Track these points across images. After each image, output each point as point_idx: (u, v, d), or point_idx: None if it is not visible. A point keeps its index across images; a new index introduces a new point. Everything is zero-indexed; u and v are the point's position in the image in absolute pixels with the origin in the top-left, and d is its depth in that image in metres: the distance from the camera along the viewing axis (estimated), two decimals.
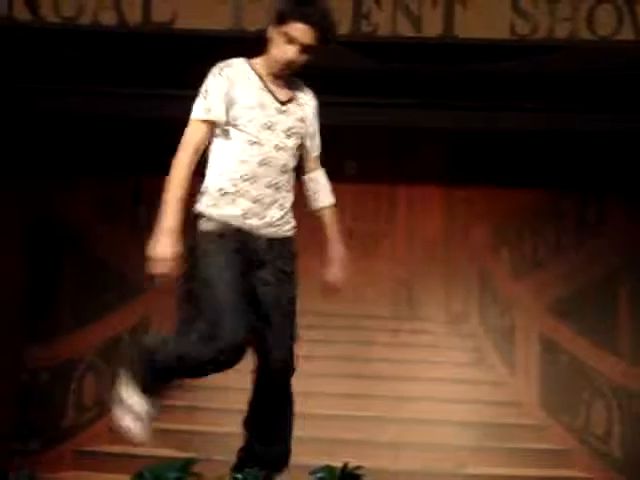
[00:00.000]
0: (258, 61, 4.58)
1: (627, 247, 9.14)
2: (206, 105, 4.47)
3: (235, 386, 4.90)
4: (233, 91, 4.49)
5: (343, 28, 6.80)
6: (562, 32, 6.85)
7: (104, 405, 8.79)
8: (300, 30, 4.44)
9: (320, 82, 7.54)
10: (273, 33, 4.48)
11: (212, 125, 4.48)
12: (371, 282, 9.17)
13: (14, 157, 8.93)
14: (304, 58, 4.53)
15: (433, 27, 6.76)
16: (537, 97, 8.19)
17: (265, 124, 4.54)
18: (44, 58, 8.06)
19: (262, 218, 4.62)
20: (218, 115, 4.47)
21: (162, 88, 7.73)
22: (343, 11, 6.79)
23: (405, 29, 6.79)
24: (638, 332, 9.05)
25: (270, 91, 4.57)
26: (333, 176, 8.79)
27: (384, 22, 6.78)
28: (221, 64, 4.54)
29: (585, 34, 6.84)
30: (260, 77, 4.56)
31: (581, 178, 8.91)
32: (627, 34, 6.79)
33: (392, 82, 8.00)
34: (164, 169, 4.44)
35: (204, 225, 4.53)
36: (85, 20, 6.95)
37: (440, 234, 9.26)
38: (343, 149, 8.98)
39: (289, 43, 4.46)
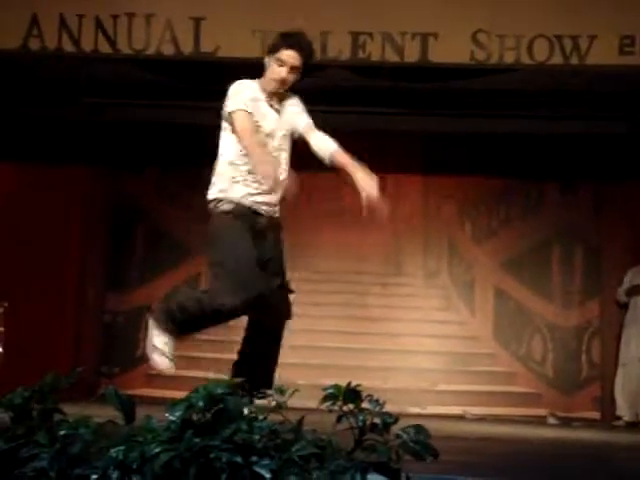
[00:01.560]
0: (260, 81, 4.56)
1: (558, 221, 9.12)
2: (241, 100, 4.44)
3: None
4: (249, 100, 4.48)
5: (344, 55, 6.77)
6: (509, 58, 6.79)
7: None
8: (288, 55, 4.48)
9: (326, 96, 7.52)
10: (269, 60, 4.51)
11: (249, 115, 4.45)
12: (365, 246, 9.15)
13: (102, 154, 8.93)
14: (293, 77, 4.53)
15: (412, 54, 6.71)
16: (491, 107, 8.14)
17: (268, 133, 4.52)
18: (121, 80, 8.03)
19: (264, 201, 4.56)
20: (250, 109, 4.44)
21: (207, 102, 7.68)
22: (344, 43, 6.74)
23: (391, 56, 6.74)
24: (565, 284, 9.04)
25: (271, 105, 4.55)
26: (334, 169, 8.78)
27: (375, 50, 6.73)
28: (240, 81, 4.53)
29: (526, 60, 6.78)
30: (264, 93, 4.54)
31: (524, 169, 8.87)
32: (557, 60, 6.74)
33: (381, 96, 7.96)
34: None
35: (221, 207, 4.50)
36: (151, 51, 6.91)
37: (418, 210, 9.23)
38: (344, 147, 8.95)
39: (281, 66, 4.48)
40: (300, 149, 4.66)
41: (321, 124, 4.72)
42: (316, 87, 7.78)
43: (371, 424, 2.59)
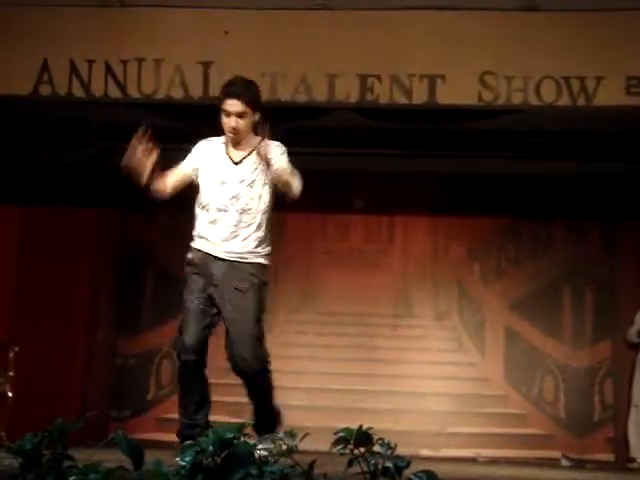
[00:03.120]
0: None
1: (568, 260, 9.10)
2: (185, 160, 4.81)
3: (275, 368, 4.83)
4: (201, 158, 4.68)
5: (352, 98, 6.80)
6: (517, 99, 6.82)
7: (175, 383, 8.77)
8: (229, 104, 4.56)
9: (334, 138, 7.56)
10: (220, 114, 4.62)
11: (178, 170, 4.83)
12: (375, 288, 9.14)
13: (112, 197, 8.95)
14: (243, 122, 4.57)
15: (420, 96, 6.74)
16: (499, 148, 8.16)
17: (222, 181, 4.60)
18: (130, 124, 8.06)
19: (223, 248, 4.58)
20: (191, 165, 4.76)
21: None
22: (352, 85, 6.78)
23: (399, 98, 6.77)
24: (577, 324, 8.99)
25: (228, 154, 4.64)
26: (346, 210, 8.79)
27: (383, 93, 6.76)
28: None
29: (534, 101, 6.80)
30: (226, 146, 4.66)
31: (534, 209, 8.87)
32: (565, 101, 6.76)
33: (389, 138, 7.98)
34: None
35: (187, 255, 4.67)
36: (160, 95, 6.96)
37: (427, 252, 9.21)
38: (353, 189, 8.98)
39: (227, 116, 4.58)
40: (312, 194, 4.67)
41: (329, 166, 4.73)
42: (324, 129, 7.84)
43: (383, 468, 2.57)
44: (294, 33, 6.81)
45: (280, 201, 4.73)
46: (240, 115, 4.56)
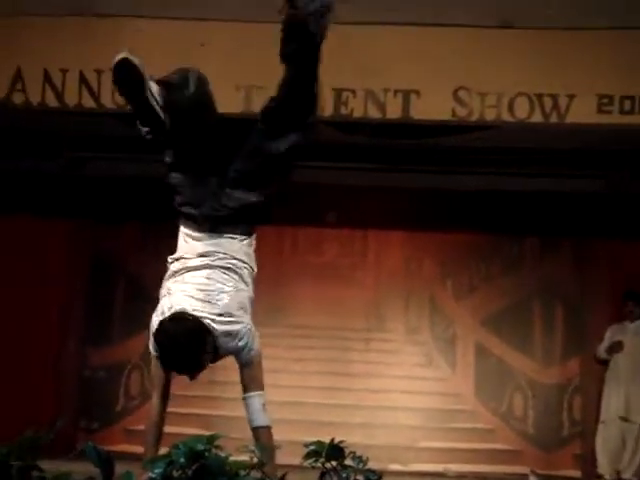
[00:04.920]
0: None
1: (539, 277, 9.14)
2: None
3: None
4: None
5: (327, 111, 6.80)
6: (490, 115, 6.85)
7: (146, 395, 8.73)
8: None
9: (308, 152, 7.54)
10: None
11: None
12: (347, 302, 9.13)
13: (83, 208, 8.90)
14: None
15: (394, 111, 6.75)
16: (472, 164, 8.20)
17: None
18: (103, 134, 8.05)
19: None
20: None
21: None
22: (327, 99, 6.77)
23: (373, 112, 6.78)
24: (547, 340, 9.03)
25: None
26: (320, 224, 8.78)
27: (357, 107, 6.77)
28: None
29: (507, 117, 6.83)
30: None
31: (505, 225, 8.90)
32: (537, 118, 6.80)
33: (363, 152, 8.00)
34: None
35: None
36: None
37: (399, 266, 9.22)
38: (326, 202, 8.97)
39: None
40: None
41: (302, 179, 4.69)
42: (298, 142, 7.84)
43: None
44: (270, 46, 6.79)
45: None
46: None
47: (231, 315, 3.84)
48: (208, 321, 3.78)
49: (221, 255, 3.93)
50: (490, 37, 6.81)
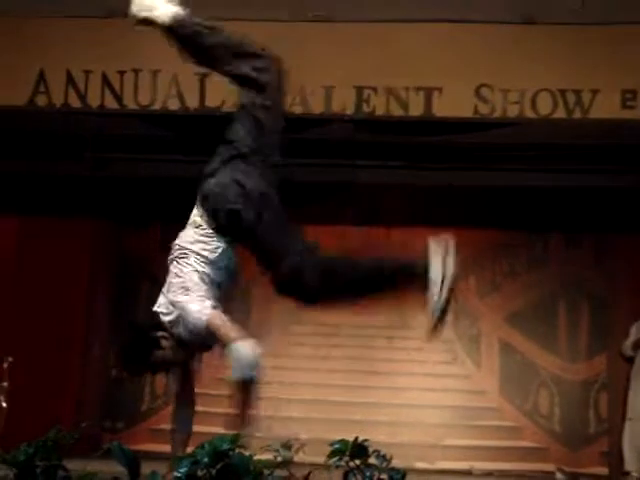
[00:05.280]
0: None
1: (564, 273, 9.09)
2: None
3: (273, 380, 4.81)
4: None
5: (348, 110, 6.80)
6: (513, 112, 6.82)
7: (170, 394, 8.76)
8: None
9: (330, 150, 7.53)
10: None
11: None
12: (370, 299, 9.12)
13: (106, 209, 8.92)
14: None
15: (416, 108, 6.74)
16: (494, 161, 8.16)
17: None
18: (127, 135, 8.07)
19: None
20: None
21: (212, 156, 7.69)
22: (349, 97, 6.77)
23: (395, 110, 6.77)
24: (572, 337, 8.99)
25: None
26: (341, 221, 8.75)
27: (379, 105, 6.76)
28: None
29: (530, 113, 6.81)
30: None
31: (528, 221, 8.87)
32: (561, 114, 6.77)
33: (385, 150, 7.99)
34: None
35: None
36: (157, 106, 6.96)
37: None
38: (348, 200, 8.96)
39: None
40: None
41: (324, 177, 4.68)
42: (320, 141, 7.84)
43: None
44: (291, 45, 6.79)
45: None
46: None
47: (172, 304, 3.83)
48: (161, 317, 3.83)
49: (177, 247, 4.01)
50: (512, 33, 6.78)
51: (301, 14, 6.83)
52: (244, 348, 3.51)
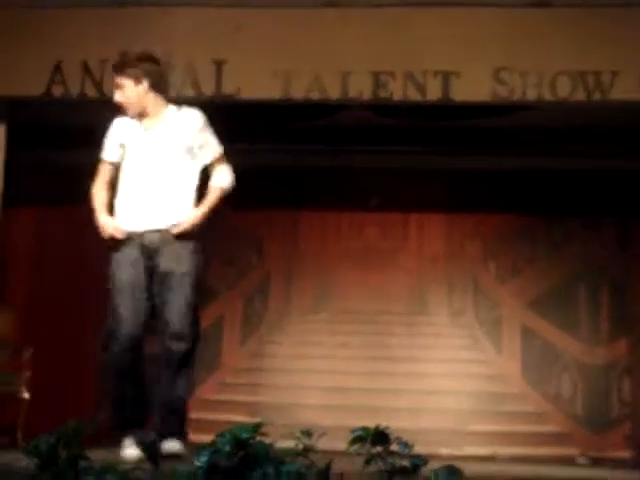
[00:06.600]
0: None
1: (584, 258, 9.06)
2: (106, 147, 4.87)
3: (291, 368, 4.82)
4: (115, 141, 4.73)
5: (365, 95, 6.78)
6: (532, 95, 6.78)
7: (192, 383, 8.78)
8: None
9: (348, 136, 7.51)
10: None
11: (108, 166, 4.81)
12: (389, 286, 9.13)
13: None
14: (123, 95, 4.71)
15: (434, 93, 6.71)
16: (514, 144, 8.13)
17: (143, 160, 4.60)
18: None
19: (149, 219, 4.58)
20: (117, 153, 4.76)
21: (228, 143, 7.68)
22: (366, 82, 6.75)
23: (413, 94, 6.74)
24: (594, 321, 8.96)
25: (146, 129, 4.67)
26: (360, 208, 8.77)
27: (397, 90, 6.73)
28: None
29: (549, 96, 6.77)
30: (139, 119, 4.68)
31: (548, 205, 8.84)
32: (579, 96, 6.72)
33: (404, 135, 7.97)
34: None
35: None
36: (172, 93, 6.95)
37: (442, 249, 9.20)
38: (367, 186, 8.96)
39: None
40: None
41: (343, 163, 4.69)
42: (338, 127, 7.83)
43: (400, 467, 2.56)
44: (307, 31, 6.79)
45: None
46: (118, 87, 4.72)
47: None
48: None
49: None
50: (530, 16, 6.73)
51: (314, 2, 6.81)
52: None
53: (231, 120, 7.35)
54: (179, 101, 6.33)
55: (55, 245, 8.63)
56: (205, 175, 4.75)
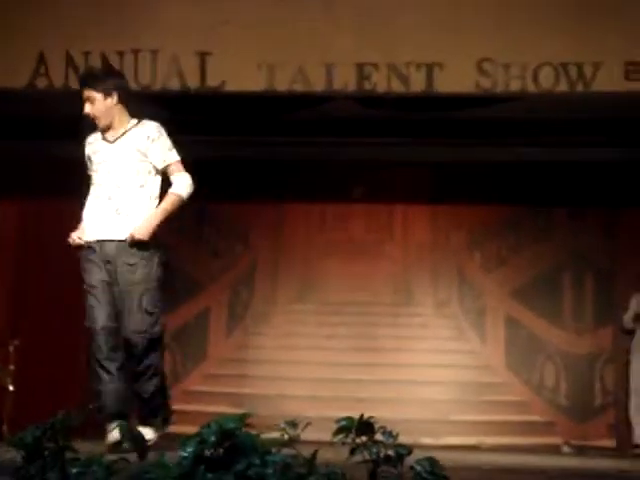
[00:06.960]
0: None
1: (568, 248, 9.10)
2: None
3: (277, 359, 4.84)
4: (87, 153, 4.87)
5: (350, 87, 6.79)
6: (515, 87, 6.81)
7: (178, 375, 8.79)
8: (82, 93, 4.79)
9: (332, 127, 7.53)
10: None
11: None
12: (374, 277, 9.15)
13: None
14: (93, 108, 4.78)
15: (418, 84, 6.73)
16: (497, 136, 8.15)
17: (101, 169, 4.77)
18: None
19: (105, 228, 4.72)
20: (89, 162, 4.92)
21: (212, 136, 7.67)
22: (350, 74, 6.76)
23: (397, 86, 6.76)
24: (577, 311, 9.01)
25: (105, 139, 4.81)
26: (345, 199, 8.79)
27: (381, 81, 6.75)
28: None
29: (532, 88, 6.79)
30: (101, 133, 4.83)
31: (532, 196, 8.87)
32: (563, 87, 6.75)
33: (388, 126, 7.97)
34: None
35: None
36: (157, 85, 6.95)
37: (427, 240, 9.22)
38: (352, 178, 8.97)
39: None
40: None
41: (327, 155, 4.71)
42: (322, 119, 7.83)
43: (385, 456, 2.58)
44: (291, 23, 6.80)
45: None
46: (88, 101, 4.77)
47: None
48: None
49: None
50: (513, 7, 6.76)
51: None
52: None
53: (215, 112, 7.37)
54: (165, 94, 6.36)
55: (40, 237, 8.61)
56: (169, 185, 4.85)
